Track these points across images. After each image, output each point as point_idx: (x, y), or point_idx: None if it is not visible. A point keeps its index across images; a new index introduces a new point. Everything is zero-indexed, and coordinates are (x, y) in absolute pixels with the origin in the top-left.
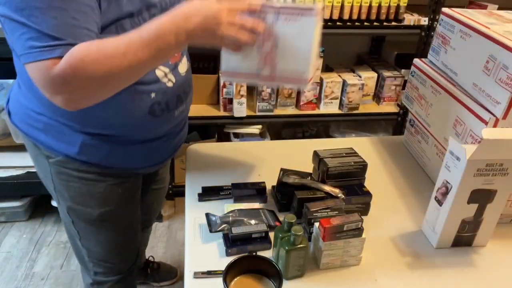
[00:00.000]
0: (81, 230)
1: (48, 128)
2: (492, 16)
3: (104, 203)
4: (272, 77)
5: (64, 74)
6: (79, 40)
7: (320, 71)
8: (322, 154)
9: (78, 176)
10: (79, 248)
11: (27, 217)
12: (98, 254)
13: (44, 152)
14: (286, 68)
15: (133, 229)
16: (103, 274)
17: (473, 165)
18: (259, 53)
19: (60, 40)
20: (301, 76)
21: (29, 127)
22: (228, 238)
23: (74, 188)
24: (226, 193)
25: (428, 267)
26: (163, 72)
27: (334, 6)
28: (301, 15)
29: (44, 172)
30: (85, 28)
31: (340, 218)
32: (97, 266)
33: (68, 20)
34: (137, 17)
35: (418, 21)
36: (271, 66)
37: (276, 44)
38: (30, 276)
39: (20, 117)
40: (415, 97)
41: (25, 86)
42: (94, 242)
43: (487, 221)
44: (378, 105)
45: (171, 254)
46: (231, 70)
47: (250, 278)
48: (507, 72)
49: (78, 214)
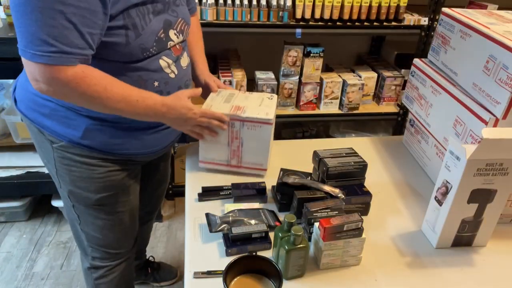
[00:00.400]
0: (81, 215)
1: (54, 113)
2: (492, 16)
3: (103, 188)
4: (239, 166)
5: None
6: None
7: (320, 71)
8: (322, 154)
9: (79, 161)
10: (79, 232)
11: (27, 217)
12: (96, 239)
13: (48, 138)
14: (249, 161)
15: (130, 216)
16: (100, 259)
17: (473, 164)
18: (228, 149)
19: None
20: (261, 166)
21: (34, 113)
22: (228, 238)
23: (75, 172)
24: (226, 193)
25: (428, 267)
26: (167, 63)
27: (334, 6)
28: (261, 125)
29: (48, 157)
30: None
31: (340, 218)
32: (95, 251)
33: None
34: (141, 6)
35: (418, 21)
36: (238, 158)
37: (241, 143)
38: (30, 276)
39: (27, 103)
40: (415, 97)
41: None
42: (92, 226)
43: (487, 221)
44: (378, 105)
45: (171, 254)
46: (207, 160)
47: (250, 278)
48: (507, 72)
49: (78, 198)
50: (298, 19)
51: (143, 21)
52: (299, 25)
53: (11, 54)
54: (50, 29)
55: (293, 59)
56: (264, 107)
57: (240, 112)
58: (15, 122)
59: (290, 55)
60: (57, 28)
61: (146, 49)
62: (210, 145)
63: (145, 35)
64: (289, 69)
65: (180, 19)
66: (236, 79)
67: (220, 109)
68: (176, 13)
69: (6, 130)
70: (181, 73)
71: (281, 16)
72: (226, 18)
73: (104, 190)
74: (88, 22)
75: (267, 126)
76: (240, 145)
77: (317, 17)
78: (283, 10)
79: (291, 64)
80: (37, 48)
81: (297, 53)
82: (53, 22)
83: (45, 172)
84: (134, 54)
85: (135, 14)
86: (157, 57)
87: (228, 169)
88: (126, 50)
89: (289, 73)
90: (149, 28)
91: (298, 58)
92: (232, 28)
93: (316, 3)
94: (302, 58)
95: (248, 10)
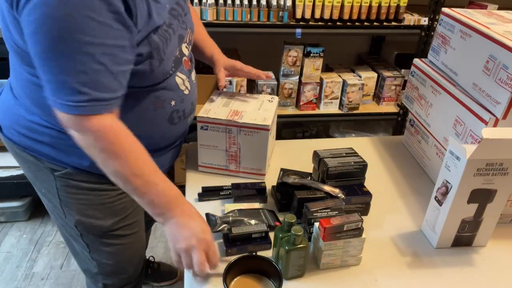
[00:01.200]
0: (91, 243)
1: (56, 141)
2: (492, 16)
3: (116, 213)
4: (237, 171)
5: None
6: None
7: (320, 71)
8: (322, 154)
9: (88, 188)
10: (88, 261)
11: (27, 217)
12: (109, 266)
13: (47, 165)
14: (247, 166)
15: (141, 235)
16: (112, 286)
17: (473, 164)
18: (227, 154)
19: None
20: (260, 171)
21: (29, 140)
22: (228, 238)
23: (83, 200)
24: (226, 193)
25: (428, 267)
26: (181, 79)
27: (334, 6)
28: (258, 131)
29: (48, 187)
30: (111, 73)
31: (340, 218)
32: (106, 278)
33: (95, 66)
34: (162, 28)
35: (418, 21)
36: (236, 163)
37: (239, 149)
38: (30, 276)
39: (18, 130)
40: (415, 97)
41: (30, 99)
42: (105, 254)
43: (487, 221)
44: (378, 105)
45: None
46: (206, 165)
47: (250, 278)
48: (507, 72)
49: (88, 227)
50: (298, 19)
51: (165, 44)
52: (299, 25)
53: None
54: (81, 75)
55: (293, 59)
56: (263, 111)
57: (237, 118)
58: None
59: (290, 55)
60: (88, 74)
61: (167, 72)
62: (208, 151)
63: (166, 60)
64: (289, 69)
65: (189, 29)
66: (236, 79)
67: (218, 114)
68: (185, 25)
69: None
70: (193, 88)
71: (281, 16)
72: (226, 18)
73: (117, 214)
74: (119, 60)
75: (264, 132)
76: (238, 150)
77: (317, 17)
78: (283, 10)
79: (291, 64)
80: (68, 98)
81: (297, 53)
82: (83, 67)
83: None
84: (157, 78)
85: (158, 39)
86: (174, 75)
87: (227, 173)
88: (151, 77)
89: (289, 73)
90: (169, 50)
91: (298, 58)
92: (232, 28)
93: (316, 3)
94: (302, 58)
95: (248, 10)
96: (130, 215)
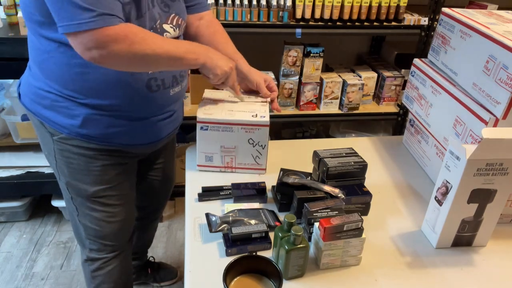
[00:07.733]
0: (79, 206)
1: (54, 104)
2: (492, 16)
3: (99, 181)
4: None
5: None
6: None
7: (320, 71)
8: (322, 154)
9: (77, 153)
10: (77, 224)
11: (27, 217)
12: (93, 230)
13: (49, 130)
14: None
15: (126, 210)
16: (97, 251)
17: (473, 164)
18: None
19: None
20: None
21: (37, 105)
22: (228, 238)
23: (74, 164)
24: (226, 193)
25: (428, 267)
26: None
27: (334, 6)
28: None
29: (48, 149)
30: None
31: (340, 218)
32: (92, 243)
33: None
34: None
35: (418, 21)
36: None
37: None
38: (30, 276)
39: (30, 97)
40: (415, 97)
41: (36, 66)
42: (90, 218)
43: (487, 221)
44: (378, 105)
45: (171, 254)
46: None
47: (250, 278)
48: (507, 72)
49: (76, 190)
50: (298, 19)
51: (147, 5)
52: (299, 25)
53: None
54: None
55: (293, 59)
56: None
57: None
58: (15, 122)
59: (290, 55)
60: None
61: None
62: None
63: (145, 19)
64: (289, 69)
65: (174, 14)
66: None
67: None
68: (168, 8)
69: (6, 130)
70: None
71: (281, 16)
72: (226, 18)
73: (100, 183)
74: None
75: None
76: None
77: (317, 17)
78: (283, 10)
79: (291, 64)
80: (80, 17)
81: (297, 53)
82: None
83: (45, 172)
84: None
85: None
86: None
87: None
88: None
89: (289, 73)
90: (150, 13)
91: (298, 58)
92: (232, 28)
93: (316, 3)
94: (302, 58)
95: (248, 10)
96: (115, 187)
